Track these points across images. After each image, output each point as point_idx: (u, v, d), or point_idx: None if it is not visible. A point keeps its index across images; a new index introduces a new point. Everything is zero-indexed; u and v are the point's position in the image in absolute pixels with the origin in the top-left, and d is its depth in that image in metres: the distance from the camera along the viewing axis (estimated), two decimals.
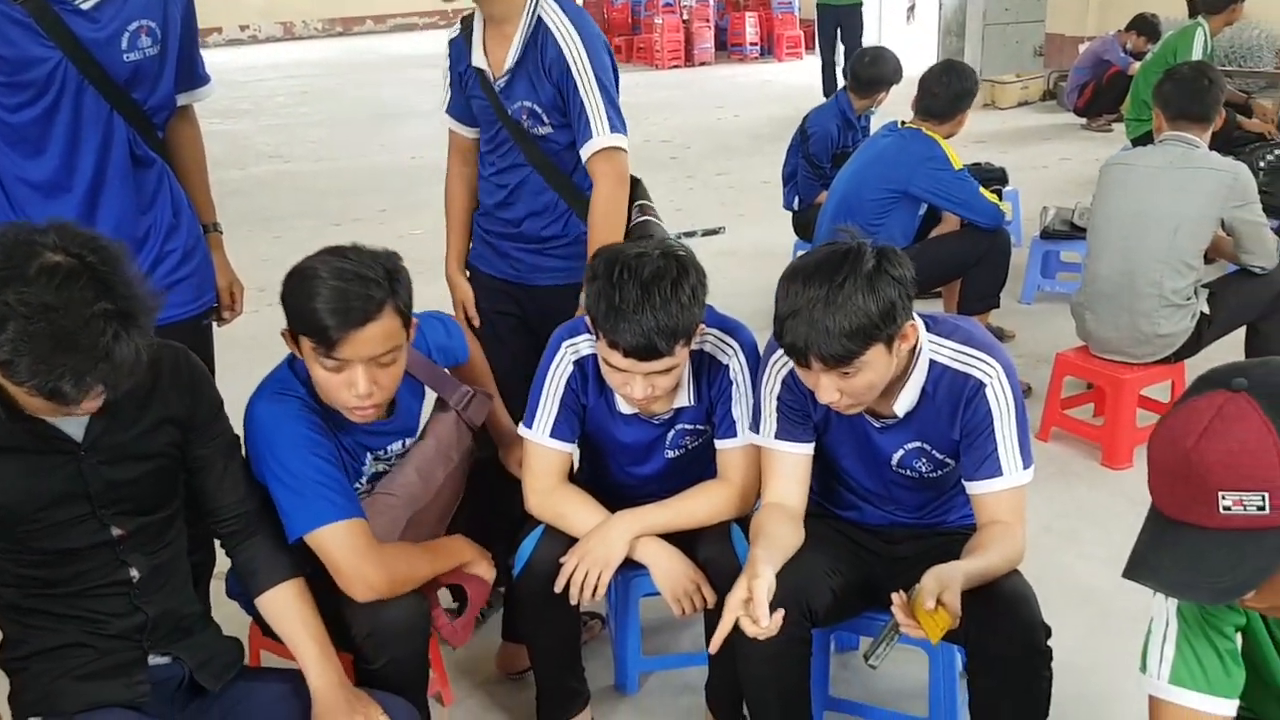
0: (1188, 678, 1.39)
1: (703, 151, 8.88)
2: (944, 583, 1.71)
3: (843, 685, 2.52)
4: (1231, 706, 1.39)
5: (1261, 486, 1.15)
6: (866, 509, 2.18)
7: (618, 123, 2.45)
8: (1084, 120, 8.89)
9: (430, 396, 2.19)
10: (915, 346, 1.90)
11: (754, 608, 1.74)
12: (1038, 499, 2.95)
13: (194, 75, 2.28)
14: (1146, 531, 1.27)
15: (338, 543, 1.84)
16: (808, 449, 2.04)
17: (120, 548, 1.67)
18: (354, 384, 1.83)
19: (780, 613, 1.75)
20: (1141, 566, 1.25)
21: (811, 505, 2.28)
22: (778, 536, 1.94)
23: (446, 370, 2.22)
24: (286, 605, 1.81)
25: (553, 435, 2.12)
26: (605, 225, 2.45)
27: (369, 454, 2.05)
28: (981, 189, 3.88)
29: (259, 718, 1.76)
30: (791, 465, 2.03)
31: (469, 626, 2.14)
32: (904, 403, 1.94)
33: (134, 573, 1.68)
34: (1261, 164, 5.16)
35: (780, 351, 2.00)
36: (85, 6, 1.97)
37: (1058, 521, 3.15)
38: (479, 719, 2.47)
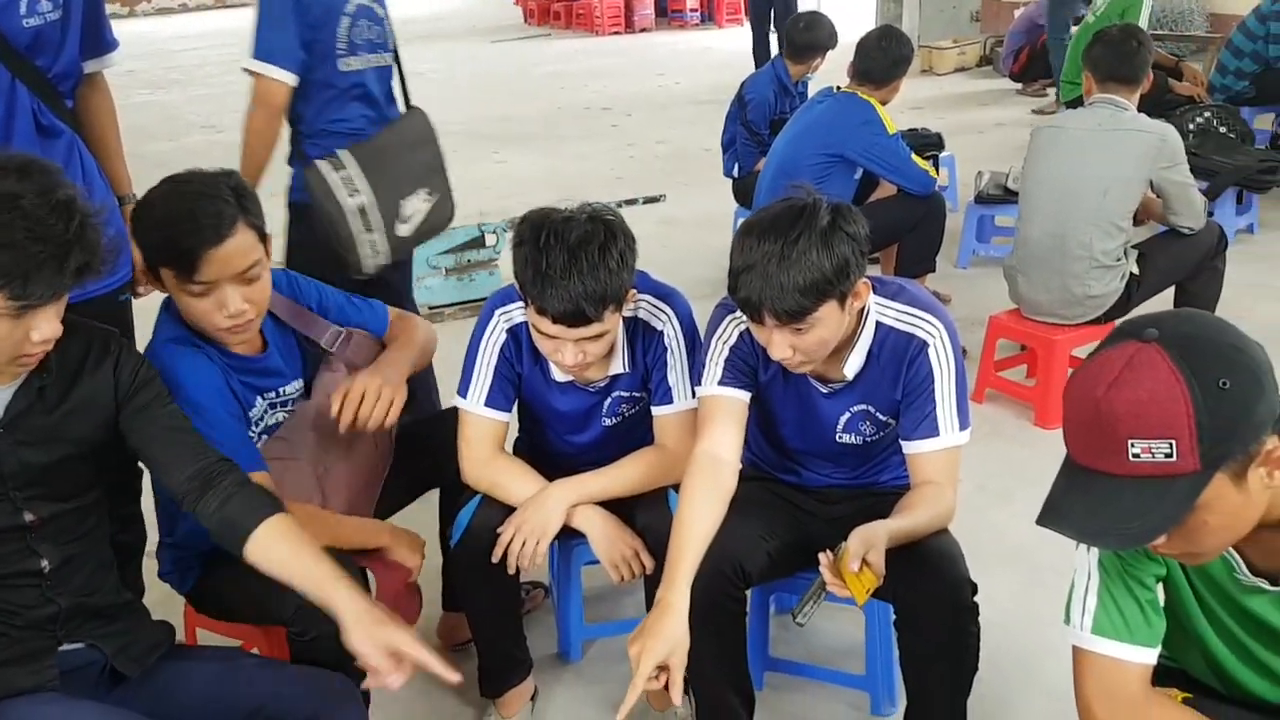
0: (1109, 627, 1.43)
1: (643, 119, 8.83)
2: (869, 543, 1.74)
3: (783, 646, 2.56)
4: (1152, 655, 1.43)
5: (1168, 434, 1.18)
6: (805, 472, 2.20)
7: (264, 48, 2.59)
8: (1019, 85, 8.97)
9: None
10: (864, 307, 1.92)
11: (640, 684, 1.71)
12: (971, 459, 2.98)
13: (100, 41, 2.22)
14: (1060, 479, 1.30)
15: None
16: (746, 397, 2.02)
17: (31, 535, 1.61)
18: (224, 304, 1.83)
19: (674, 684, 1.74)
20: (1054, 513, 1.28)
21: (749, 469, 2.30)
22: (696, 526, 1.87)
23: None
24: (280, 539, 1.65)
25: (487, 404, 2.10)
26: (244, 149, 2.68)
27: (259, 396, 2.02)
28: (915, 156, 3.90)
29: (193, 698, 1.72)
30: (729, 409, 1.99)
31: (398, 607, 2.11)
32: (852, 365, 1.95)
33: (44, 563, 1.62)
34: (1191, 126, 5.24)
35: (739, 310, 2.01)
36: None
37: (991, 481, 3.20)
38: (420, 692, 2.45)
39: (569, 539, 2.29)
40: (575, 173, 6.95)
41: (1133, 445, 1.19)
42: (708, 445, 1.97)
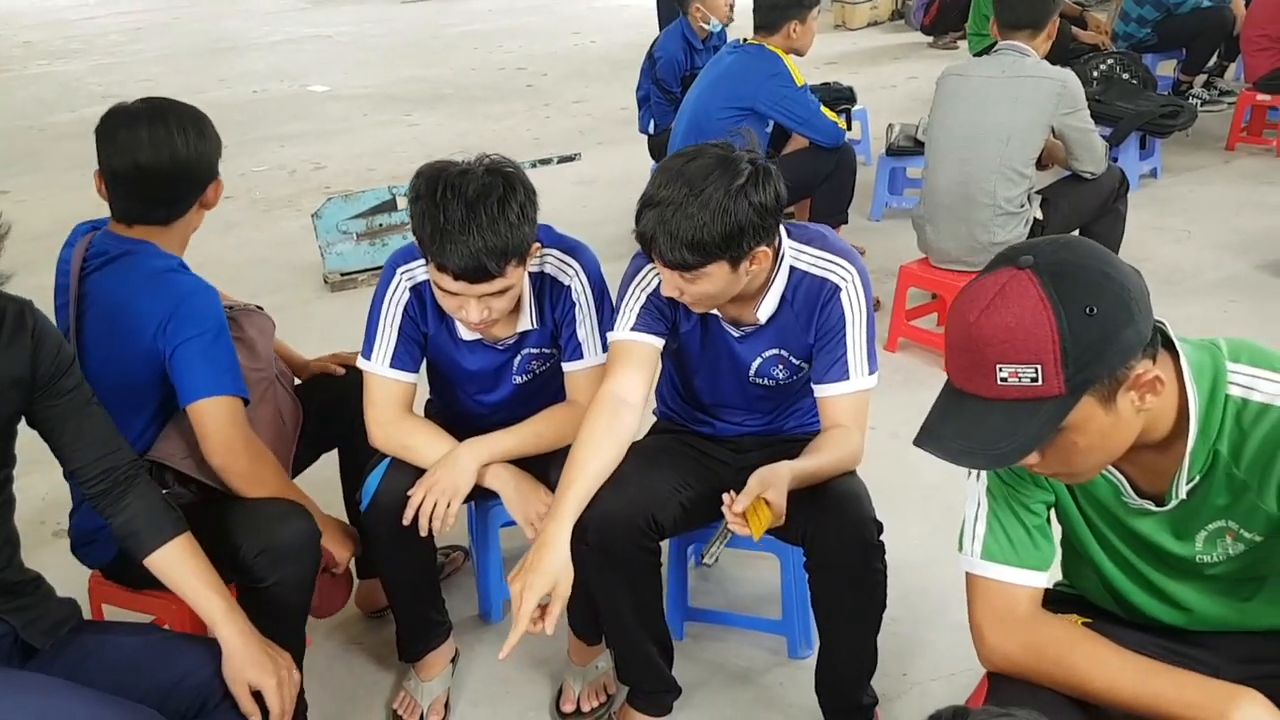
0: (998, 552, 1.46)
1: (559, 79, 8.74)
2: (767, 483, 1.77)
3: (703, 596, 2.58)
4: (1041, 578, 1.47)
5: (1034, 360, 1.21)
6: (718, 423, 2.21)
7: None
8: (930, 39, 9.05)
9: None
10: (776, 260, 1.92)
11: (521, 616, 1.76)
12: (886, 406, 3.03)
13: None
14: (937, 403, 1.34)
15: (226, 412, 1.89)
16: (659, 343, 2.02)
17: None
18: None
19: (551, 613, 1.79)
20: (928, 435, 1.32)
21: (662, 423, 2.32)
22: (589, 464, 1.89)
23: None
24: (180, 561, 1.72)
25: (393, 365, 2.07)
26: None
27: None
28: (823, 108, 3.91)
29: (106, 673, 1.68)
30: (639, 353, 1.99)
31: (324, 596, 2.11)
32: (765, 309, 1.96)
33: None
34: (1094, 74, 5.34)
35: None
36: None
37: (903, 428, 3.18)
38: (339, 659, 2.44)
39: (486, 500, 2.28)
40: (490, 134, 6.85)
41: (1001, 370, 1.23)
42: (612, 386, 1.96)
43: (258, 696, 1.65)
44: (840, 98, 5.04)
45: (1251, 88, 5.68)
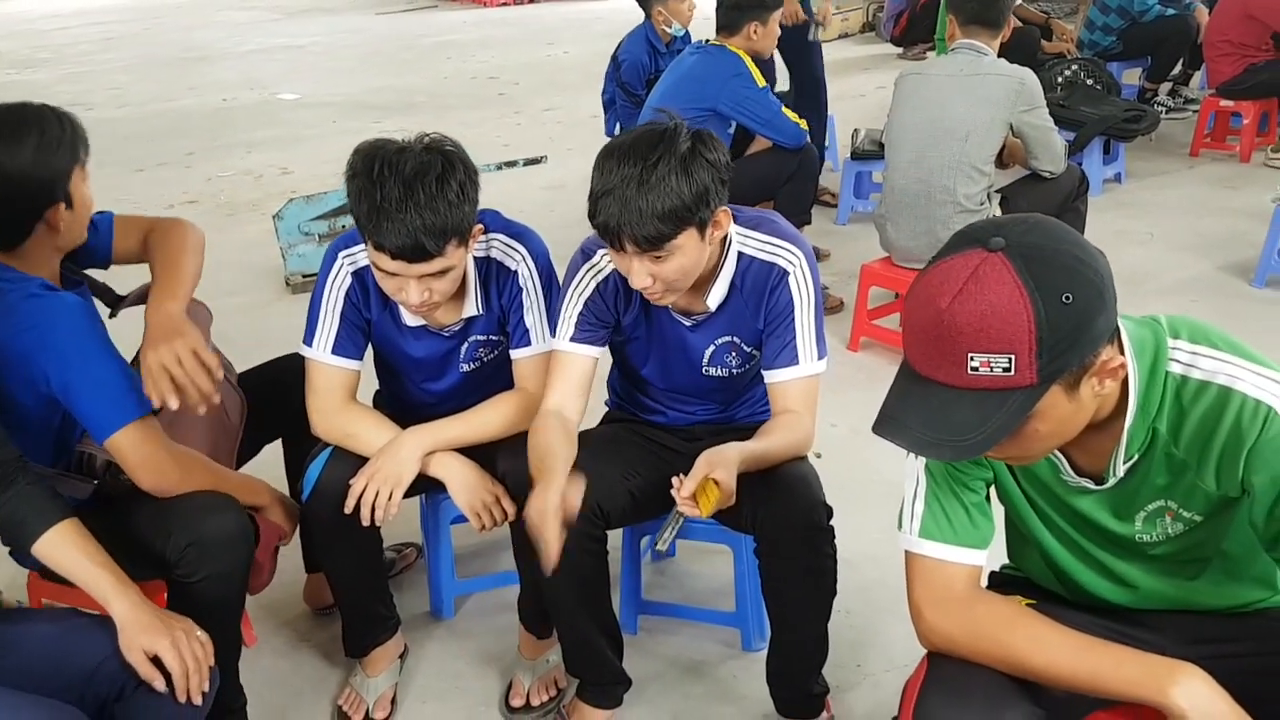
0: (935, 531, 1.44)
1: (531, 87, 8.72)
2: (714, 463, 1.75)
3: (658, 590, 2.56)
4: (979, 556, 1.45)
5: (1008, 349, 1.16)
6: (670, 411, 2.18)
7: None
8: (900, 50, 9.10)
9: None
10: (727, 238, 1.90)
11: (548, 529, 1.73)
12: (847, 404, 3.03)
13: None
14: (896, 387, 1.28)
15: (140, 436, 1.79)
16: (597, 353, 2.02)
17: None
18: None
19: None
20: (891, 423, 1.26)
21: (613, 412, 2.29)
22: (558, 451, 1.87)
23: None
24: (67, 544, 1.68)
25: (335, 352, 2.03)
26: None
27: None
28: (785, 109, 3.91)
29: (27, 660, 1.63)
30: (578, 371, 2.00)
31: (264, 568, 2.05)
32: (715, 296, 1.94)
33: None
34: (1059, 80, 5.38)
35: (598, 256, 1.98)
36: None
37: (865, 425, 3.14)
38: (285, 656, 2.40)
39: (437, 493, 2.25)
40: (460, 139, 6.72)
41: (972, 359, 1.17)
42: (555, 404, 1.98)
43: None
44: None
45: (1215, 93, 5.72)
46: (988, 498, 1.50)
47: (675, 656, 2.35)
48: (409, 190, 1.75)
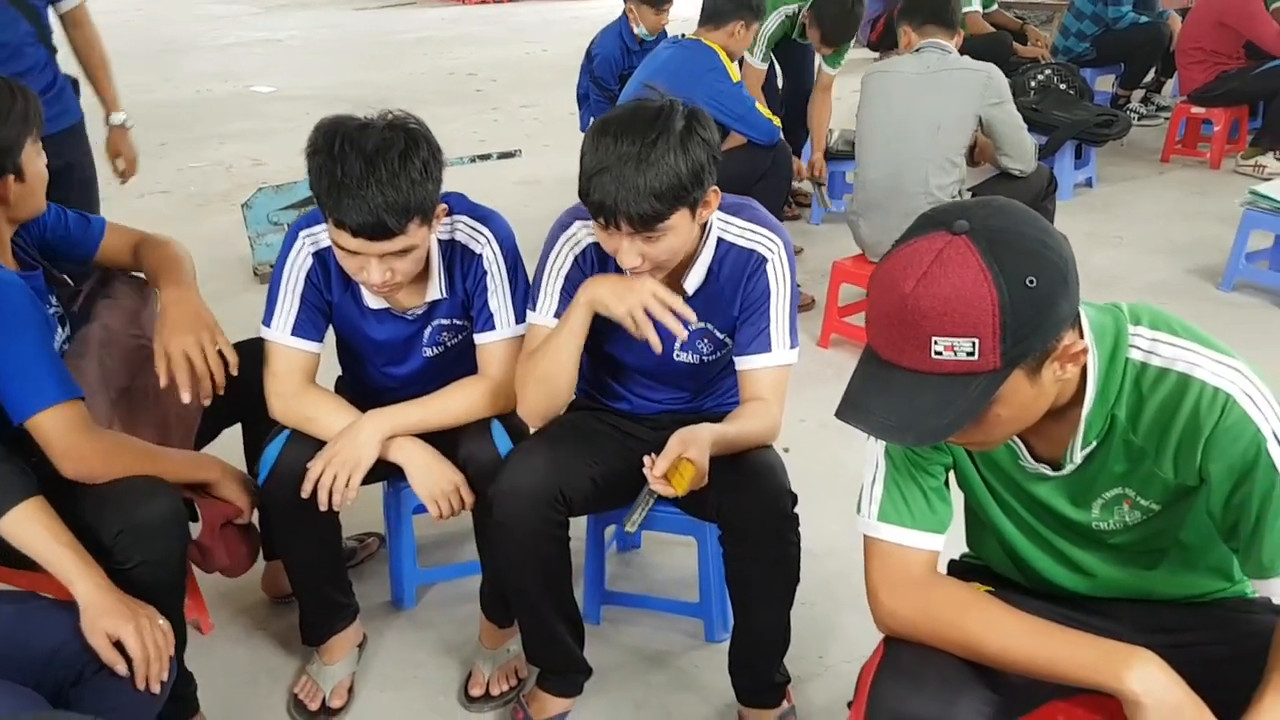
0: (894, 514, 1.43)
1: (509, 84, 8.71)
2: (687, 442, 1.74)
3: (622, 581, 2.54)
4: (936, 540, 1.44)
5: (972, 333, 1.15)
6: (636, 400, 2.16)
7: None
8: (877, 55, 9.12)
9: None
10: (706, 224, 1.89)
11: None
12: (816, 399, 3.00)
13: None
14: (860, 373, 1.27)
15: (62, 423, 1.73)
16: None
17: None
18: None
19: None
20: (854, 408, 1.25)
21: (580, 399, 2.27)
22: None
23: None
24: (32, 523, 1.65)
25: (294, 334, 2.00)
26: None
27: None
28: (759, 105, 3.91)
29: None
30: None
31: (211, 550, 2.01)
32: (693, 280, 1.93)
33: None
34: (1032, 84, 5.41)
35: (573, 228, 1.96)
36: None
37: (833, 420, 3.22)
38: (242, 644, 2.36)
39: (400, 481, 2.22)
40: (435, 134, 6.75)
41: (936, 343, 1.16)
42: None
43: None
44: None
45: (1186, 100, 5.77)
46: (946, 483, 1.49)
47: (638, 647, 2.33)
48: (370, 166, 1.72)
